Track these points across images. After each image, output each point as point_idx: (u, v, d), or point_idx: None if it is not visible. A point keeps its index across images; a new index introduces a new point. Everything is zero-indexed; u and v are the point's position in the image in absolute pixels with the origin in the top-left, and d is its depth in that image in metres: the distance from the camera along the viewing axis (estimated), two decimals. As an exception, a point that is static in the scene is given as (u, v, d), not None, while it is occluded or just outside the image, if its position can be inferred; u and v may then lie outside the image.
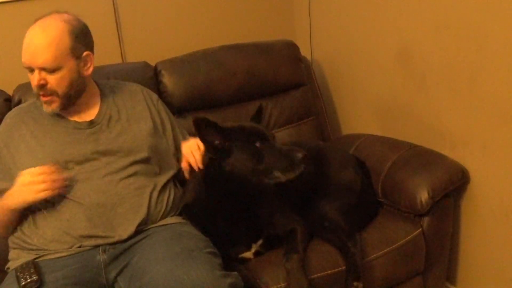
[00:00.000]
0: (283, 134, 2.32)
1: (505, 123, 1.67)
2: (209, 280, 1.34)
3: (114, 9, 2.31)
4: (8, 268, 1.58)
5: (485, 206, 1.83)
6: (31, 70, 1.58)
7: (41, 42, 1.55)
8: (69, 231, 1.54)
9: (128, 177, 1.63)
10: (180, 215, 1.70)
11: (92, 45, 1.69)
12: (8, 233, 1.62)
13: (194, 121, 1.51)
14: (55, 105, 1.64)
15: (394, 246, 1.73)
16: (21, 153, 1.63)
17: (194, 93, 2.17)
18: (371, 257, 1.69)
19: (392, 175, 1.87)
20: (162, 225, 1.61)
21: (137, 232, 1.57)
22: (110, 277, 1.51)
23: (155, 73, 2.19)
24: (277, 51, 2.33)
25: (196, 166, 1.63)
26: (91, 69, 1.68)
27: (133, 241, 1.55)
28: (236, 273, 1.44)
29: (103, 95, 1.76)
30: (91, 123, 1.68)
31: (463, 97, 1.80)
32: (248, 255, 1.66)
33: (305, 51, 2.49)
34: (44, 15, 1.62)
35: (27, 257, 1.53)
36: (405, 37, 2.01)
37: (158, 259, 1.43)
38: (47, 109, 1.64)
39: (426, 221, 1.80)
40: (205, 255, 1.45)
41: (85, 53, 1.64)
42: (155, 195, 1.64)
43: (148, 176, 1.67)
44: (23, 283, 1.40)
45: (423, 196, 1.75)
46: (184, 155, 1.70)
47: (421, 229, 1.79)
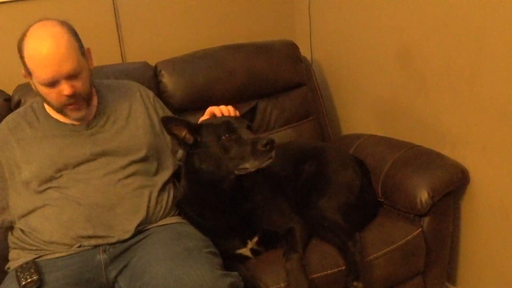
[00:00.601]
0: (283, 134, 2.32)
1: (505, 123, 1.67)
2: (209, 279, 1.34)
3: (114, 9, 2.31)
4: (8, 268, 1.58)
5: (485, 206, 1.83)
6: (53, 84, 1.55)
7: (60, 51, 1.52)
8: (68, 232, 1.54)
9: (127, 177, 1.63)
10: (179, 214, 1.70)
11: None
12: None
13: (161, 119, 1.58)
14: (83, 109, 1.64)
15: (394, 246, 1.73)
16: (18, 159, 1.62)
17: (194, 93, 2.17)
18: (371, 257, 1.69)
19: (392, 175, 1.87)
20: (162, 225, 1.61)
21: (137, 232, 1.57)
22: (110, 277, 1.51)
23: (155, 73, 2.19)
24: (277, 51, 2.33)
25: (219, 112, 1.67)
26: (93, 64, 1.69)
27: (133, 241, 1.55)
28: (236, 273, 1.44)
29: (99, 95, 1.75)
30: (89, 125, 1.67)
31: (463, 97, 1.80)
32: (244, 251, 1.66)
33: (305, 51, 2.49)
34: (37, 26, 1.57)
35: (27, 257, 1.53)
36: (405, 37, 2.01)
37: (158, 259, 1.43)
38: (77, 115, 1.63)
39: (426, 221, 1.80)
40: (205, 255, 1.45)
41: (86, 49, 1.64)
42: (154, 195, 1.64)
43: (147, 175, 1.67)
44: (23, 283, 1.40)
45: (423, 196, 1.75)
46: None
47: (421, 229, 1.79)
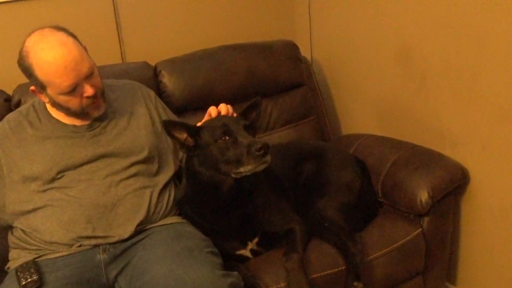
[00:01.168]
0: (283, 134, 2.32)
1: (505, 123, 1.67)
2: (209, 279, 1.34)
3: (114, 9, 2.31)
4: (8, 268, 1.58)
5: (485, 206, 1.83)
6: (74, 89, 1.54)
7: (74, 54, 1.52)
8: (68, 232, 1.54)
9: (128, 178, 1.63)
10: (180, 214, 1.70)
11: None
12: None
13: (162, 123, 1.61)
14: (103, 105, 1.65)
15: (394, 246, 1.73)
16: (17, 158, 1.62)
17: (194, 93, 2.17)
18: (371, 257, 1.69)
19: (392, 175, 1.87)
20: (162, 225, 1.61)
21: (137, 231, 1.57)
22: (110, 277, 1.51)
23: (155, 73, 2.19)
24: (277, 51, 2.33)
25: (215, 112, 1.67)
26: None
27: (134, 240, 1.55)
28: (236, 272, 1.45)
29: None
30: (90, 126, 1.67)
31: (463, 97, 1.80)
32: (244, 252, 1.66)
33: (305, 51, 2.49)
34: (36, 39, 1.54)
35: (27, 256, 1.53)
36: (405, 37, 2.01)
37: (158, 259, 1.43)
38: (99, 112, 1.64)
39: (426, 221, 1.80)
40: (205, 254, 1.45)
41: (84, 46, 1.64)
42: (155, 195, 1.64)
43: (148, 176, 1.67)
44: (24, 282, 1.40)
45: (423, 196, 1.75)
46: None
47: (421, 229, 1.79)
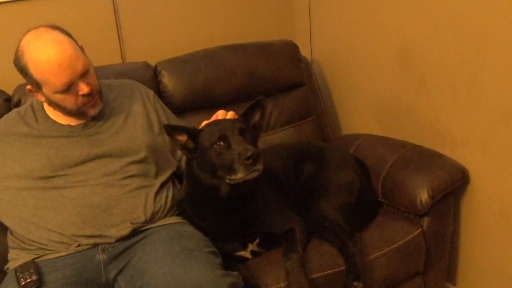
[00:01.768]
0: (283, 134, 2.32)
1: (505, 123, 1.67)
2: (209, 279, 1.34)
3: (114, 9, 2.31)
4: (7, 268, 1.58)
5: (485, 206, 1.83)
6: (69, 87, 1.55)
7: (68, 53, 1.53)
8: (64, 233, 1.54)
9: (124, 178, 1.62)
10: (180, 214, 1.70)
11: None
12: None
13: (164, 127, 1.60)
14: (99, 103, 1.65)
15: (394, 246, 1.73)
16: (12, 157, 1.62)
17: (194, 93, 2.17)
18: (371, 257, 1.69)
19: (392, 175, 1.87)
20: (162, 225, 1.61)
21: (136, 232, 1.57)
22: (110, 277, 1.51)
23: (155, 73, 2.18)
24: (277, 51, 2.33)
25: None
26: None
27: (133, 240, 1.55)
28: (236, 272, 1.44)
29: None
30: (86, 125, 1.67)
31: (463, 97, 1.80)
32: (244, 254, 1.66)
33: (305, 51, 2.49)
34: (31, 38, 1.55)
35: (27, 257, 1.53)
36: (405, 37, 2.01)
37: (158, 259, 1.43)
38: (96, 110, 1.64)
39: (426, 221, 1.80)
40: (205, 254, 1.45)
41: (81, 45, 1.64)
42: (152, 195, 1.64)
43: (145, 176, 1.67)
44: (23, 283, 1.40)
45: (423, 196, 1.75)
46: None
47: (421, 229, 1.79)
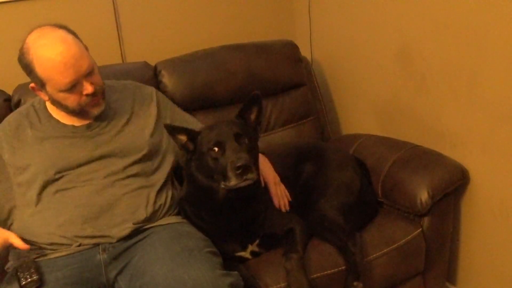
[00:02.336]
0: (283, 134, 2.32)
1: (505, 123, 1.67)
2: (209, 279, 1.34)
3: (114, 9, 2.31)
4: (8, 268, 1.58)
5: (485, 206, 1.83)
6: (73, 86, 1.54)
7: (73, 51, 1.53)
8: (66, 234, 1.54)
9: (126, 178, 1.63)
10: (179, 213, 1.70)
11: None
12: None
13: (164, 127, 1.62)
14: (102, 103, 1.65)
15: (394, 246, 1.73)
16: (17, 158, 1.62)
17: (194, 93, 2.17)
18: (371, 257, 1.69)
19: (392, 175, 1.87)
20: (162, 225, 1.61)
21: (136, 232, 1.57)
22: (110, 277, 1.51)
23: (155, 73, 2.19)
24: (277, 51, 2.33)
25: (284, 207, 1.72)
26: None
27: (133, 240, 1.55)
28: (236, 272, 1.44)
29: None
30: (89, 127, 1.67)
31: (463, 97, 1.80)
32: (244, 254, 1.66)
33: (305, 51, 2.49)
34: (36, 36, 1.55)
35: (28, 256, 1.52)
36: (405, 37, 2.01)
37: (158, 259, 1.43)
38: (98, 110, 1.64)
39: (426, 221, 1.80)
40: (205, 254, 1.45)
41: (86, 46, 1.64)
42: (153, 195, 1.64)
43: (146, 176, 1.67)
44: (24, 282, 1.40)
45: (423, 196, 1.75)
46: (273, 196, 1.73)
47: (421, 229, 1.79)
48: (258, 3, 2.58)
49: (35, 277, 1.41)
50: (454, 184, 1.81)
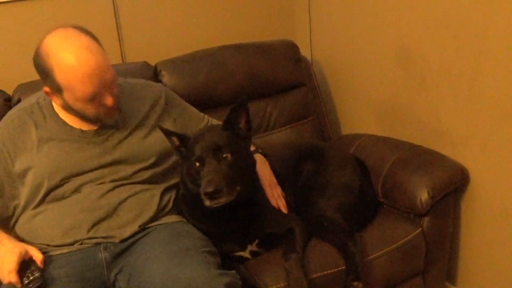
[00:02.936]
0: (283, 134, 2.32)
1: (505, 123, 1.67)
2: (204, 278, 1.34)
3: (114, 9, 2.31)
4: None
5: (485, 206, 1.83)
6: (93, 97, 1.49)
7: (99, 61, 1.47)
8: (69, 237, 1.53)
9: (134, 184, 1.61)
10: (179, 213, 1.69)
11: None
12: None
13: (159, 128, 1.62)
14: (117, 112, 1.60)
15: (394, 246, 1.73)
16: (22, 160, 1.57)
17: (194, 93, 2.16)
18: (371, 257, 1.69)
19: (392, 175, 1.87)
20: (162, 224, 1.61)
21: (138, 231, 1.57)
22: (111, 276, 1.52)
23: (155, 73, 2.18)
24: (277, 51, 2.33)
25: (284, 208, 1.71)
26: None
27: (134, 239, 1.55)
28: (233, 271, 1.43)
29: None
30: (97, 132, 1.61)
31: (463, 97, 1.80)
32: (243, 254, 1.66)
33: (305, 51, 2.49)
34: (60, 38, 1.46)
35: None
36: (405, 37, 2.01)
37: (156, 258, 1.43)
38: (112, 119, 1.59)
39: (426, 221, 1.80)
40: (201, 254, 1.45)
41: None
42: (158, 196, 1.63)
43: (153, 181, 1.65)
44: (26, 281, 1.39)
45: (423, 196, 1.75)
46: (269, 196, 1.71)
47: (421, 229, 1.79)
48: (258, 3, 2.58)
49: (37, 274, 1.39)
50: (454, 184, 1.81)
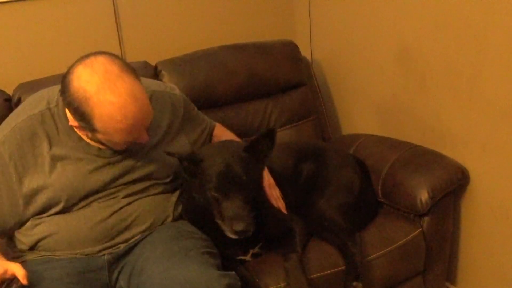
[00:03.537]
0: (283, 134, 2.31)
1: (505, 123, 1.67)
2: (204, 280, 1.33)
3: (114, 9, 2.31)
4: None
5: (485, 206, 1.83)
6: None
7: (144, 110, 1.37)
8: (74, 250, 1.50)
9: (145, 197, 1.56)
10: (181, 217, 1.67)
11: None
12: None
13: (166, 154, 1.51)
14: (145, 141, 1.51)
15: (394, 246, 1.73)
16: (31, 178, 1.45)
17: (194, 93, 2.16)
18: (371, 257, 1.69)
19: (392, 175, 1.87)
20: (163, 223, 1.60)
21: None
22: (113, 277, 1.51)
23: (155, 73, 2.18)
24: (277, 51, 2.33)
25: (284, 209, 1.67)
26: None
27: (137, 241, 1.54)
28: (233, 273, 1.42)
29: None
30: (116, 152, 1.50)
31: (463, 97, 1.80)
32: (245, 258, 1.65)
33: (305, 51, 2.49)
34: (100, 79, 1.31)
35: (31, 256, 1.51)
36: (405, 37, 2.01)
37: (156, 258, 1.43)
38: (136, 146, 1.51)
39: (426, 221, 1.80)
40: (201, 255, 1.44)
41: None
42: (171, 210, 1.61)
43: (166, 192, 1.61)
44: None
45: (423, 196, 1.75)
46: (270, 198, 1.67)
47: (421, 229, 1.79)
48: (258, 3, 2.58)
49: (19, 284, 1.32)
50: (454, 184, 1.81)
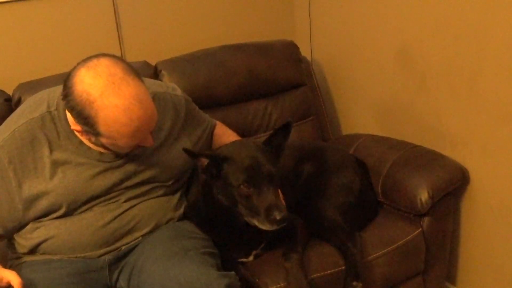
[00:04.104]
0: (283, 134, 2.31)
1: (505, 123, 1.67)
2: (203, 280, 1.33)
3: (114, 9, 2.31)
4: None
5: (485, 206, 1.83)
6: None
7: (149, 114, 1.35)
8: (75, 254, 1.50)
9: (148, 200, 1.56)
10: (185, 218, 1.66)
11: None
12: None
13: (184, 151, 1.46)
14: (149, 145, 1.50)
15: (394, 246, 1.73)
16: (31, 183, 1.43)
17: (194, 93, 2.15)
18: (371, 257, 1.69)
19: (392, 175, 1.87)
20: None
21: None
22: (113, 278, 1.52)
23: (155, 73, 2.18)
24: (277, 51, 2.33)
25: None
26: None
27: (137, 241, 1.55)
28: (233, 273, 1.42)
29: None
30: (118, 156, 1.49)
31: (463, 97, 1.80)
32: (247, 259, 1.65)
33: (305, 51, 2.49)
34: (105, 82, 1.29)
35: (30, 257, 1.51)
36: (405, 37, 2.01)
37: (156, 258, 1.43)
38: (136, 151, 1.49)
39: (426, 221, 1.80)
40: (201, 255, 1.44)
41: None
42: (172, 212, 1.61)
43: (168, 194, 1.61)
44: None
45: (423, 196, 1.75)
46: None
47: (421, 229, 1.79)
48: (258, 3, 2.58)
49: None
50: (454, 184, 1.81)
